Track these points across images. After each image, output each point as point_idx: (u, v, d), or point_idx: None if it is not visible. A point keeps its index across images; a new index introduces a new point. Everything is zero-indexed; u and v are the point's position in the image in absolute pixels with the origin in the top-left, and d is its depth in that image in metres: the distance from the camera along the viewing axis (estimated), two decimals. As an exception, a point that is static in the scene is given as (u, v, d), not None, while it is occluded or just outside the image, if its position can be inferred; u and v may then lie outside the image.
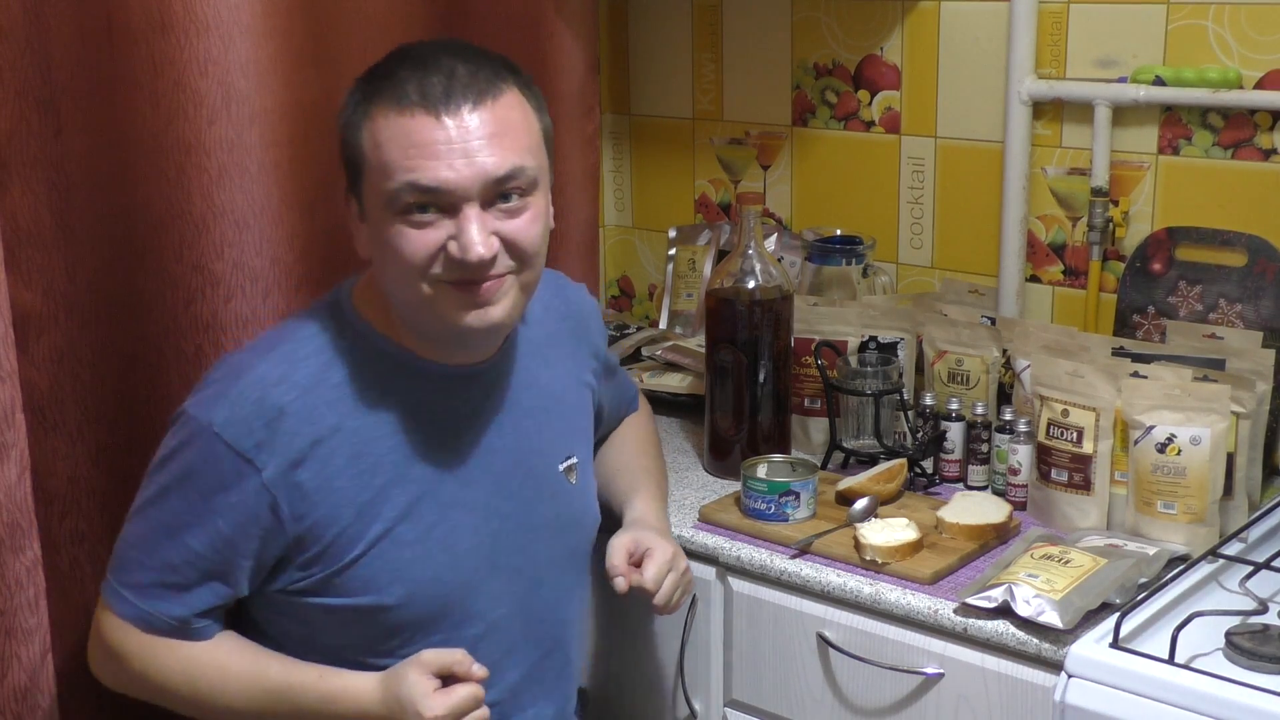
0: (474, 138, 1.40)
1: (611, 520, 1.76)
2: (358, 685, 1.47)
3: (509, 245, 1.44)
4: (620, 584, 1.61)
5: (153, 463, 1.51)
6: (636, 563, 1.64)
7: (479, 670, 1.45)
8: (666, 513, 1.81)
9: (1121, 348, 1.87)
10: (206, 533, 1.46)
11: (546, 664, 1.66)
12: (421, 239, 1.42)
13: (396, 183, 1.40)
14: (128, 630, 1.51)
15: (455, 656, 1.44)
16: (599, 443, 1.88)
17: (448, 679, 1.44)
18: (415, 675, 1.43)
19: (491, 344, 1.57)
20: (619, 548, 1.64)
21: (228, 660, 1.51)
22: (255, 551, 1.47)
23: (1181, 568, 1.63)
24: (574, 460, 1.68)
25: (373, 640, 1.53)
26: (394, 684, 1.44)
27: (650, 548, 1.64)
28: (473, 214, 1.41)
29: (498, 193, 1.43)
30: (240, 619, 1.58)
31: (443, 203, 1.41)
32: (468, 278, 1.43)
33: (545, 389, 1.66)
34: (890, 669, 1.66)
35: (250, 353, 1.53)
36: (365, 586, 1.50)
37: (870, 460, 1.94)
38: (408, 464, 1.52)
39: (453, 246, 1.41)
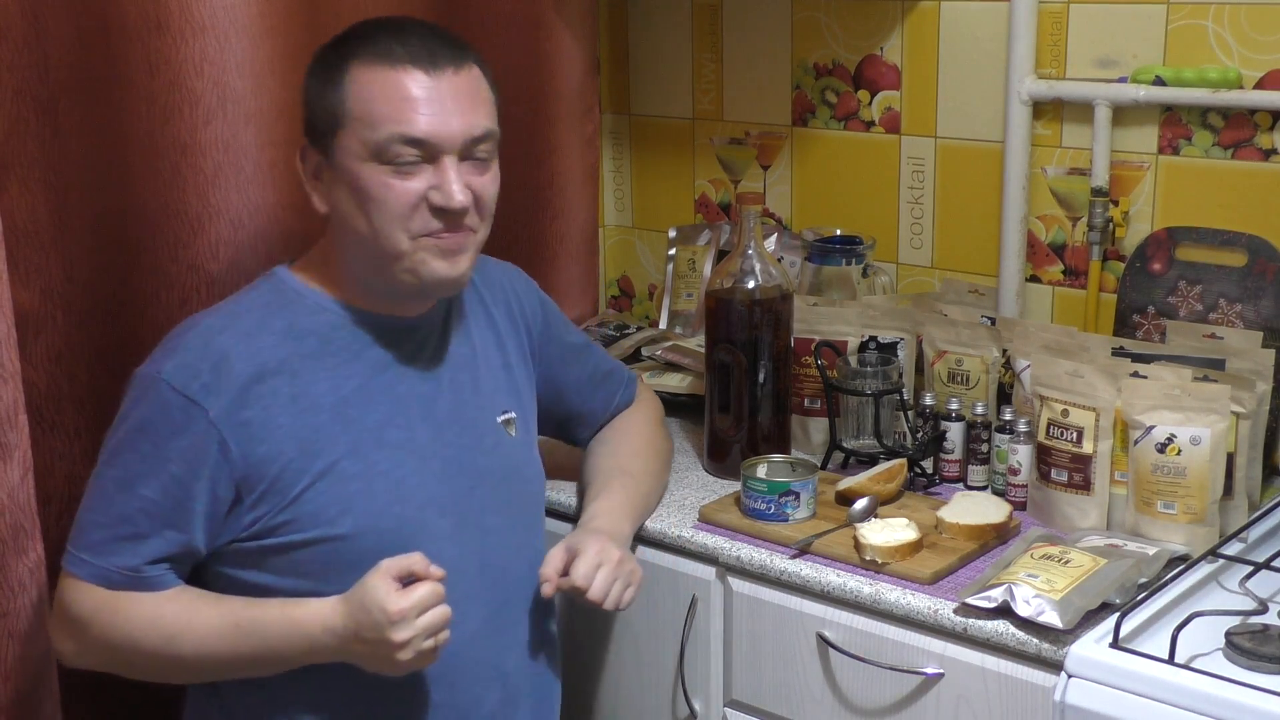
0: (455, 95, 1.52)
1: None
2: (321, 605, 1.49)
3: (477, 199, 1.55)
4: (545, 589, 1.63)
5: (111, 429, 1.54)
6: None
7: (436, 570, 1.48)
8: (623, 517, 1.77)
9: (1121, 348, 1.87)
10: (159, 479, 1.50)
11: (505, 615, 1.67)
12: (405, 187, 1.51)
13: (385, 133, 1.49)
14: (87, 591, 1.51)
15: (412, 558, 1.47)
16: (593, 432, 1.90)
17: (407, 582, 1.47)
18: (375, 580, 1.46)
19: (443, 296, 1.65)
20: (552, 555, 1.66)
21: (192, 604, 1.53)
22: (208, 492, 1.51)
23: (1181, 568, 1.62)
24: (512, 415, 1.73)
25: (330, 582, 1.53)
26: (356, 594, 1.47)
27: (580, 548, 1.65)
28: (451, 164, 1.52)
29: (471, 150, 1.54)
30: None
31: (427, 153, 1.51)
32: (445, 227, 1.53)
33: (479, 348, 1.71)
34: (890, 669, 1.66)
35: (194, 316, 1.61)
36: (314, 519, 1.53)
37: (870, 460, 1.94)
38: (346, 405, 1.57)
39: (434, 195, 1.52)
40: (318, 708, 1.58)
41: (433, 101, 1.50)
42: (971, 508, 1.78)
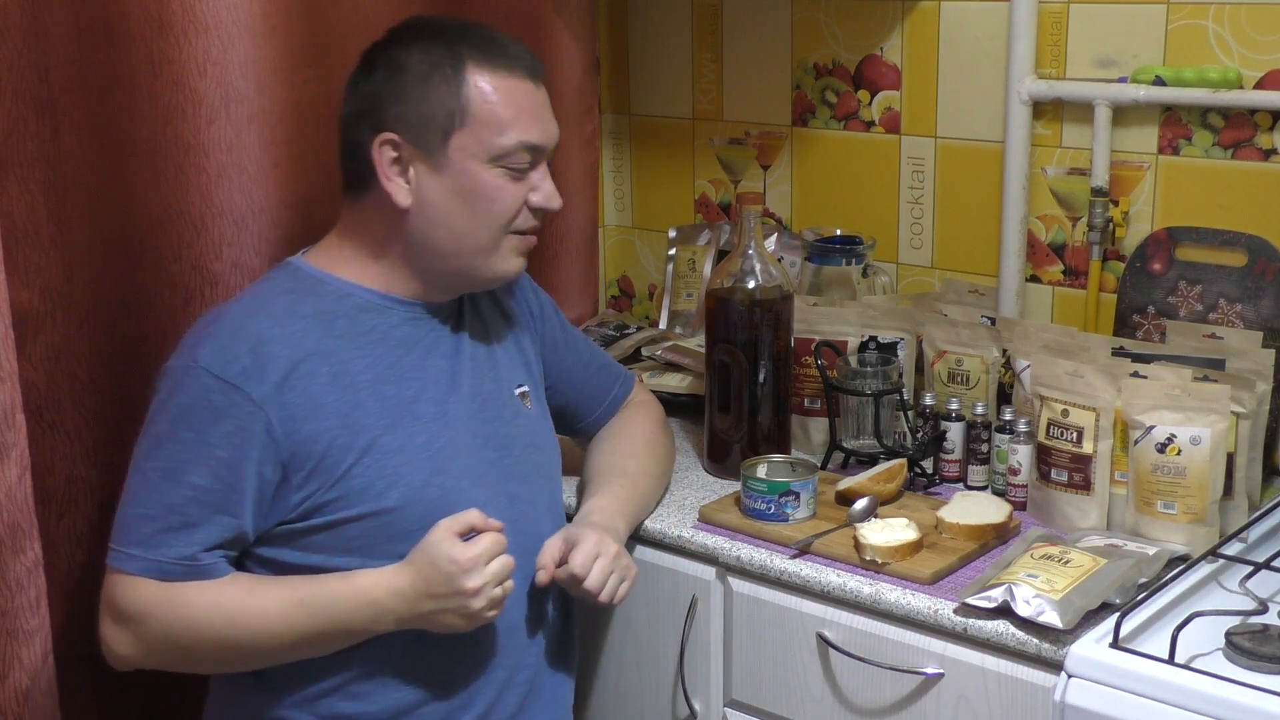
0: (548, 105, 1.64)
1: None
2: (383, 572, 1.54)
3: None
4: (541, 576, 1.66)
5: (144, 426, 1.56)
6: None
7: (495, 522, 1.55)
8: (619, 515, 1.77)
9: (1121, 348, 1.87)
10: (207, 466, 1.51)
11: (535, 587, 1.69)
12: (516, 189, 1.60)
13: (511, 137, 1.58)
14: (142, 586, 1.52)
15: (470, 514, 1.54)
16: (590, 431, 1.92)
17: (466, 538, 1.53)
18: (438, 535, 1.52)
19: (495, 287, 1.74)
20: (549, 545, 1.68)
21: (251, 587, 1.55)
22: (255, 475, 1.53)
23: (1181, 568, 1.62)
24: (526, 388, 1.78)
25: (376, 555, 1.56)
26: (420, 553, 1.52)
27: (578, 539, 1.67)
28: (545, 170, 1.63)
29: (551, 156, 1.65)
30: None
31: (536, 160, 1.62)
32: (534, 227, 1.64)
33: (490, 328, 1.77)
34: (890, 669, 1.66)
35: (218, 307, 1.64)
36: (363, 494, 1.56)
37: (870, 460, 1.94)
38: (382, 382, 1.61)
39: (535, 197, 1.62)
40: (370, 675, 1.60)
41: (541, 110, 1.61)
42: (971, 508, 1.78)
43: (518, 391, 1.76)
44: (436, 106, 1.57)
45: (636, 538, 1.86)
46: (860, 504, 1.80)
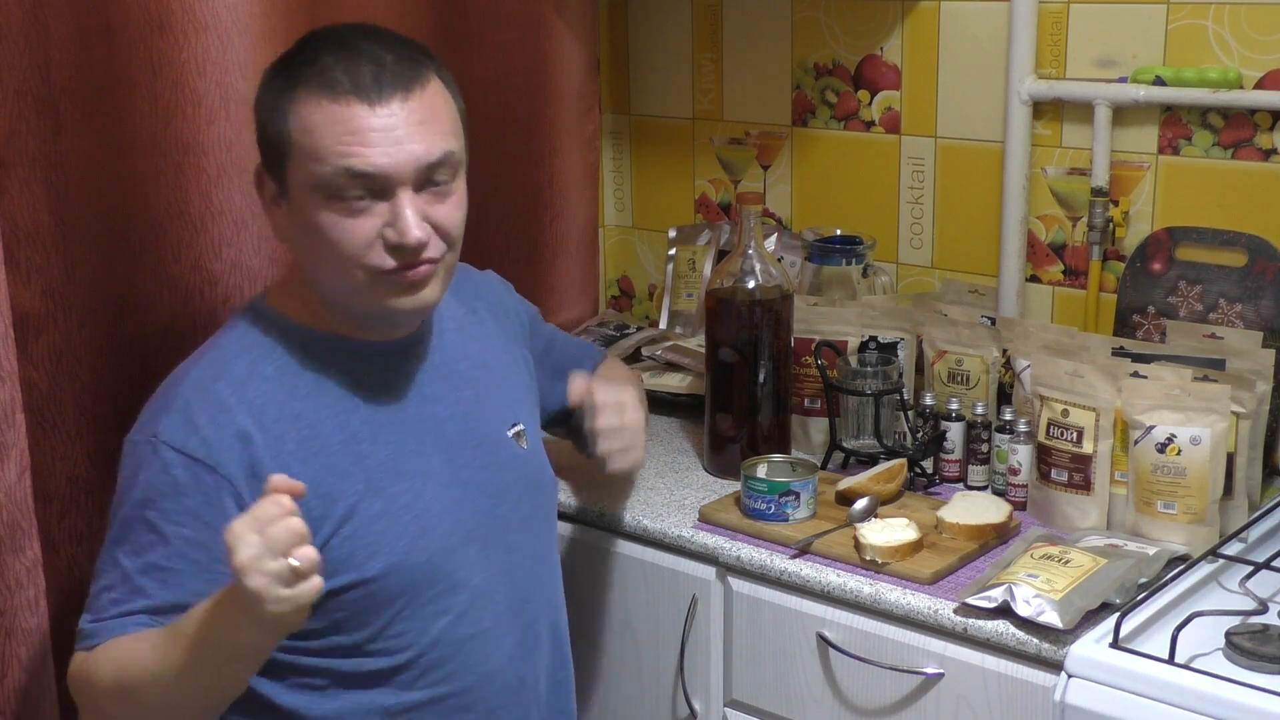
0: (405, 124, 1.42)
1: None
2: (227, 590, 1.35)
3: (439, 229, 1.46)
4: (576, 386, 1.70)
5: (113, 502, 1.47)
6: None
7: (295, 484, 1.30)
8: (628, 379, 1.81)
9: (1121, 348, 1.87)
10: (172, 546, 1.42)
11: (533, 633, 1.64)
12: (356, 226, 1.43)
13: (330, 167, 1.41)
14: (76, 660, 1.44)
15: (271, 480, 1.31)
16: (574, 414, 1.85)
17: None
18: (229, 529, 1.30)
19: (416, 321, 1.58)
20: (579, 377, 1.71)
21: (139, 634, 1.41)
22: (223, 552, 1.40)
23: (1181, 568, 1.62)
24: (520, 427, 1.68)
25: (360, 626, 1.49)
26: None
27: (606, 383, 1.69)
28: (406, 198, 1.43)
29: (428, 177, 1.45)
30: None
31: (376, 188, 1.42)
32: (403, 263, 1.44)
33: (477, 360, 1.66)
34: (890, 669, 1.66)
35: (179, 368, 1.52)
36: (343, 565, 1.46)
37: (870, 460, 1.94)
38: (356, 442, 1.51)
39: (389, 232, 1.43)
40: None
41: (379, 132, 1.41)
42: (971, 508, 1.78)
43: (511, 432, 1.65)
44: (273, 135, 1.45)
45: (637, 538, 1.86)
46: (860, 504, 1.80)
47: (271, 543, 1.24)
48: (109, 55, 1.66)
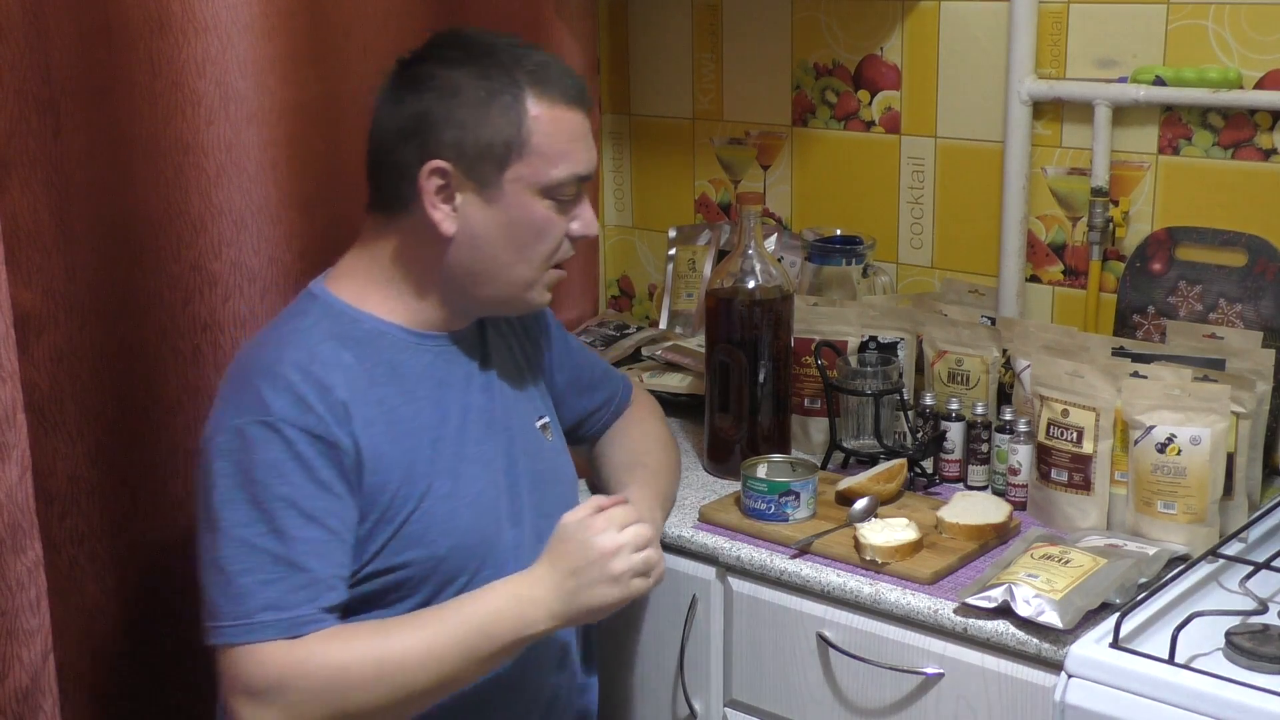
0: (591, 134, 1.60)
1: None
2: (521, 576, 1.52)
3: None
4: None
5: (214, 495, 1.47)
6: None
7: (619, 496, 1.59)
8: (654, 507, 1.75)
9: (1121, 348, 1.87)
10: (311, 519, 1.46)
11: (562, 643, 1.69)
12: (561, 221, 1.58)
13: (564, 169, 1.55)
14: (276, 652, 1.44)
15: (593, 501, 1.55)
16: (597, 436, 1.91)
17: None
18: (568, 519, 1.52)
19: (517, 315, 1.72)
20: (582, 506, 1.64)
21: (380, 626, 1.49)
22: (354, 521, 1.50)
23: (1181, 568, 1.62)
24: (546, 420, 1.75)
25: (413, 598, 1.55)
26: (551, 542, 1.53)
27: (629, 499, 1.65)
28: (584, 197, 1.61)
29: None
30: None
31: (579, 189, 1.59)
32: (569, 258, 1.63)
33: (508, 357, 1.73)
34: (890, 669, 1.66)
35: (261, 351, 1.54)
36: (417, 542, 1.54)
37: (870, 460, 1.94)
38: (431, 426, 1.58)
39: (575, 226, 1.59)
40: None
41: (589, 139, 1.59)
42: (971, 508, 1.78)
43: (539, 424, 1.73)
44: (495, 135, 1.52)
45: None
46: (860, 504, 1.80)
47: (632, 540, 1.51)
48: (109, 55, 1.66)
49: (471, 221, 1.55)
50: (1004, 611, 1.56)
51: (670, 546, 1.85)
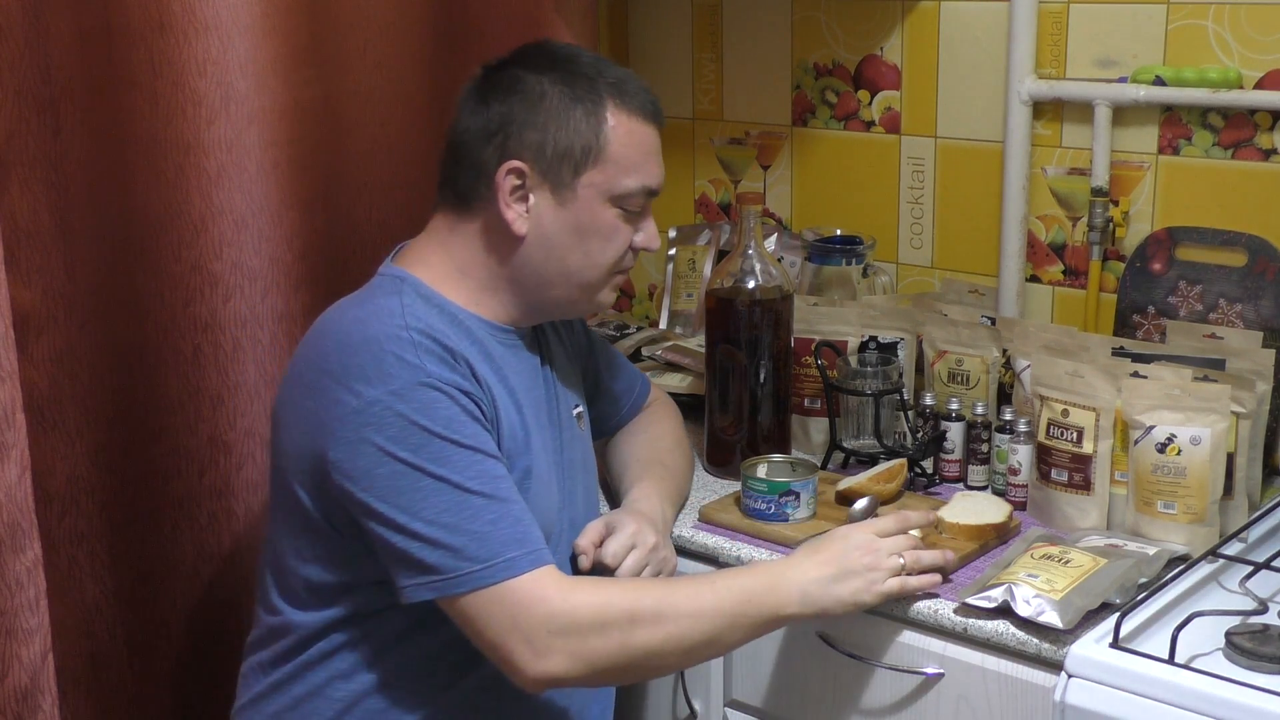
0: (661, 152, 1.64)
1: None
2: (784, 559, 1.61)
3: None
4: (582, 561, 1.65)
5: (397, 462, 1.46)
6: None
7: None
8: (665, 502, 1.78)
9: (1121, 348, 1.87)
10: (500, 461, 1.51)
11: None
12: (627, 230, 1.62)
13: (637, 182, 1.60)
14: (547, 585, 1.46)
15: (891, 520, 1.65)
16: (614, 430, 1.92)
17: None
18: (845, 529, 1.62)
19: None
20: (591, 528, 1.68)
21: (662, 580, 1.60)
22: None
23: (1181, 568, 1.62)
24: (581, 409, 1.78)
25: None
26: (822, 539, 1.61)
27: (617, 525, 1.66)
28: (650, 212, 1.65)
29: None
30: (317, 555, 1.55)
31: (646, 202, 1.63)
32: (630, 266, 1.66)
33: (560, 350, 1.77)
34: (890, 669, 1.66)
35: (371, 325, 1.52)
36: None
37: (870, 460, 1.94)
38: (523, 409, 1.61)
39: (639, 238, 1.63)
40: (431, 712, 1.57)
41: (659, 156, 1.63)
42: (971, 508, 1.78)
43: (575, 412, 1.76)
44: (574, 140, 1.56)
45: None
46: (860, 504, 1.80)
47: (893, 545, 1.60)
48: (109, 55, 1.66)
49: (543, 222, 1.58)
50: (1004, 611, 1.56)
51: (670, 546, 1.85)
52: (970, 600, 1.58)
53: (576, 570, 1.66)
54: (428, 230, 1.65)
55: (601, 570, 1.64)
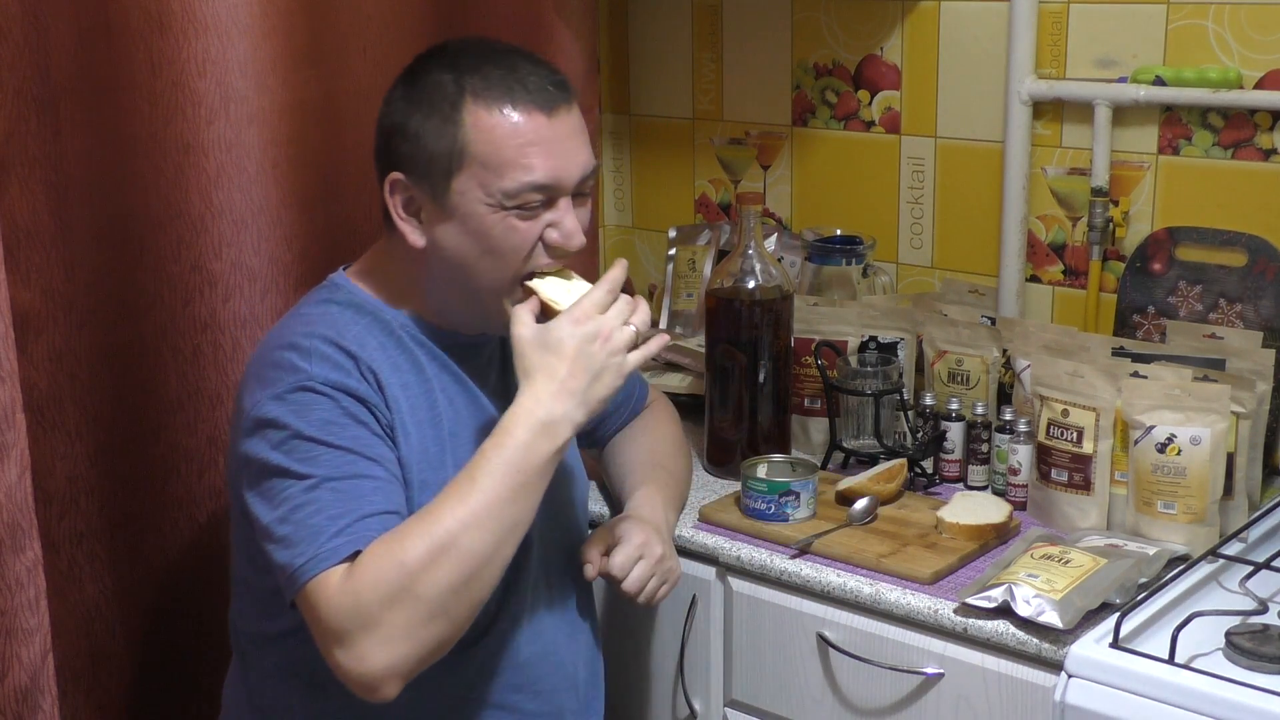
0: (570, 136, 1.51)
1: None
2: (527, 400, 1.45)
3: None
4: (588, 570, 1.64)
5: (269, 464, 1.45)
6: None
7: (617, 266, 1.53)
8: (668, 508, 1.77)
9: (1121, 348, 1.87)
10: (374, 463, 1.46)
11: (573, 620, 1.69)
12: (528, 230, 1.50)
13: (513, 181, 1.48)
14: (332, 581, 1.38)
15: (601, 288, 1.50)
16: (614, 433, 1.90)
17: None
18: (532, 326, 1.48)
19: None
20: (596, 536, 1.66)
21: (426, 511, 1.43)
22: (400, 472, 1.51)
23: (1181, 568, 1.62)
24: None
25: None
26: (539, 355, 1.46)
27: (624, 536, 1.65)
28: (567, 205, 1.52)
29: (580, 188, 1.54)
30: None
31: (549, 196, 1.50)
32: (547, 265, 1.54)
33: None
34: (890, 669, 1.66)
35: (286, 331, 1.53)
36: None
37: (870, 460, 1.94)
38: (447, 422, 1.57)
39: (552, 234, 1.51)
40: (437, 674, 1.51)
41: (554, 144, 1.49)
42: (971, 508, 1.78)
43: None
44: (436, 147, 1.49)
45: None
46: (860, 504, 1.80)
47: (616, 318, 1.47)
48: (109, 55, 1.66)
49: (434, 233, 1.52)
50: (1004, 611, 1.56)
51: (670, 546, 1.85)
52: (970, 600, 1.58)
53: (582, 579, 1.66)
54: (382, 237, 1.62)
55: (608, 580, 1.64)
